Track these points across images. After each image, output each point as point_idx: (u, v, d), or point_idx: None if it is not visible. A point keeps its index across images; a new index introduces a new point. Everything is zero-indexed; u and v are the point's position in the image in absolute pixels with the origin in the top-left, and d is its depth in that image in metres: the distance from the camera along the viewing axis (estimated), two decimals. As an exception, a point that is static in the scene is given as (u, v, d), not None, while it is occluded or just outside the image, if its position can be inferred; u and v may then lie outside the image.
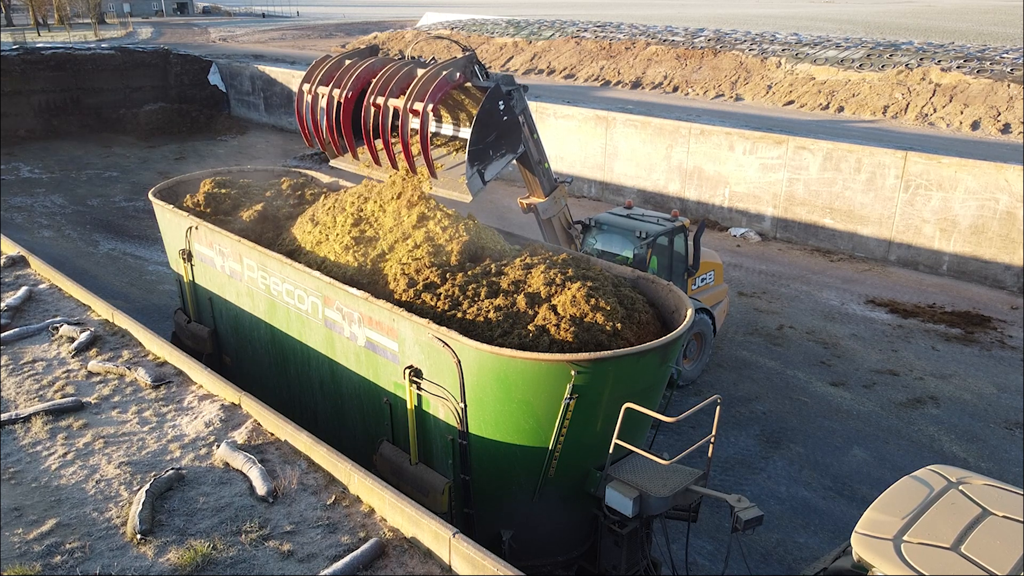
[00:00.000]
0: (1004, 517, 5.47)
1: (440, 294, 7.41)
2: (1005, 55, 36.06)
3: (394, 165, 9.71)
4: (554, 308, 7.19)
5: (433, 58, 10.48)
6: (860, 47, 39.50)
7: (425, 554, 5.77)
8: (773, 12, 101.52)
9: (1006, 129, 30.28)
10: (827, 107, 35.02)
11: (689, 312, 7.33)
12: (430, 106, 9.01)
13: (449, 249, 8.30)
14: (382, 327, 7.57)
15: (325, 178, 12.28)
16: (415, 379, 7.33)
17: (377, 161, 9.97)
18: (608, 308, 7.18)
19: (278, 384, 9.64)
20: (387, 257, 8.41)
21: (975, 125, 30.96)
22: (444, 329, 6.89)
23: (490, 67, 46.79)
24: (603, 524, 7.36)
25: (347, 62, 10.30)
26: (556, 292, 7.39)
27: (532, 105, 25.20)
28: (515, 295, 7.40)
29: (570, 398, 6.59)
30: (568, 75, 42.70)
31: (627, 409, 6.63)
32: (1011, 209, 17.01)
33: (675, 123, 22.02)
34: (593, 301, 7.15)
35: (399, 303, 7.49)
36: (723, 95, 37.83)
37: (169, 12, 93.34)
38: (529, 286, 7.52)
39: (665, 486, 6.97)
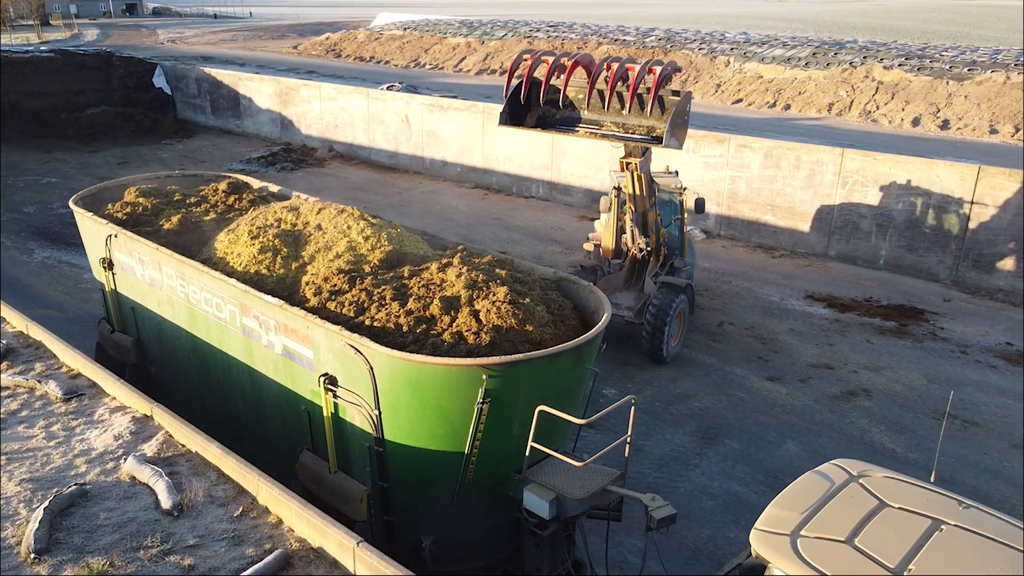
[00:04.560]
0: (900, 509, 5.57)
1: (344, 301, 7.33)
2: (944, 53, 37.00)
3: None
4: (476, 314, 7.16)
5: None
6: (806, 46, 40.20)
7: (331, 564, 5.70)
8: (726, 11, 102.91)
9: (945, 125, 31.08)
10: (774, 105, 35.59)
11: (606, 315, 7.35)
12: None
13: (370, 258, 8.23)
14: (297, 334, 7.47)
15: (257, 183, 12.10)
16: (330, 387, 7.24)
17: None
18: (535, 315, 7.17)
19: (202, 394, 9.47)
20: (308, 268, 8.32)
21: (916, 122, 31.71)
22: (356, 336, 6.82)
23: (442, 68, 46.66)
24: (524, 527, 7.35)
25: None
26: (479, 296, 7.35)
27: (479, 105, 25.22)
28: (429, 300, 7.34)
29: (483, 402, 6.56)
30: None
31: (542, 412, 6.62)
32: (942, 204, 17.43)
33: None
34: (520, 313, 7.09)
35: (312, 310, 7.39)
36: (673, 94, 38.19)
37: (118, 13, 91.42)
38: (445, 290, 7.47)
39: (582, 487, 6.98)
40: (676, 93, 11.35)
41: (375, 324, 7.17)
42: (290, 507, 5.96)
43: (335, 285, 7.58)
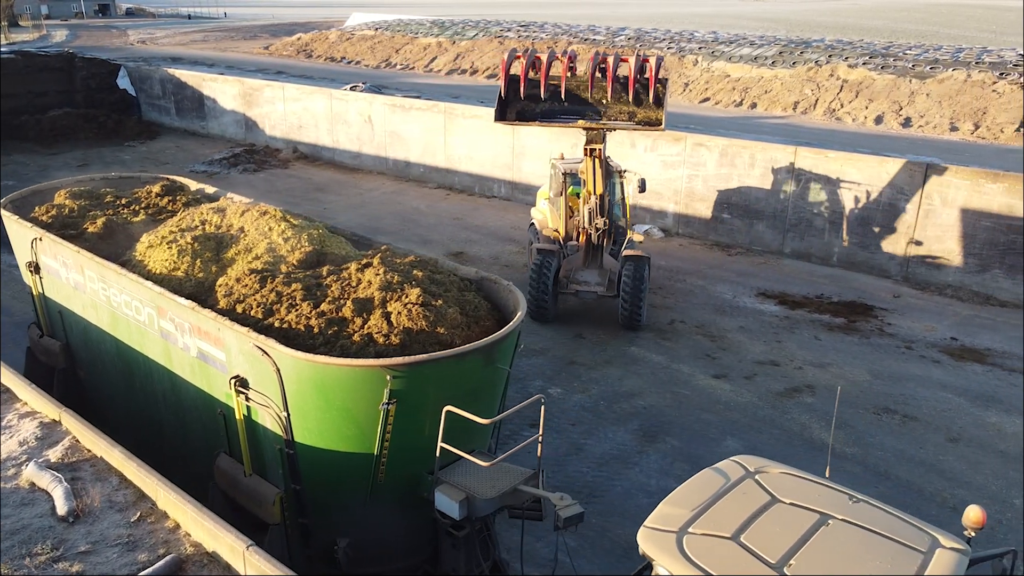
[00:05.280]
0: (791, 504, 5.59)
1: (254, 303, 7.28)
2: (908, 51, 37.37)
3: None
4: (388, 316, 7.13)
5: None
6: (773, 45, 40.47)
7: (225, 567, 5.64)
8: (702, 11, 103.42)
9: (907, 123, 31.40)
10: (741, 104, 35.81)
11: (519, 314, 7.34)
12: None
13: (290, 259, 8.19)
14: (210, 337, 7.40)
15: (195, 185, 11.99)
16: (241, 389, 7.19)
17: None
18: (446, 317, 7.15)
19: (127, 398, 9.38)
20: (228, 270, 8.25)
21: (878, 119, 32.01)
22: (263, 337, 6.77)
23: (413, 68, 46.56)
24: (441, 528, 7.33)
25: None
26: (392, 298, 7.32)
27: (440, 105, 25.18)
28: (343, 301, 7.30)
29: (388, 404, 6.53)
30: (491, 75, 42.71)
31: (450, 412, 6.59)
32: (893, 201, 17.59)
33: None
34: (431, 315, 7.07)
35: (222, 312, 7.33)
36: (642, 93, 38.32)
37: (90, 14, 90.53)
38: (360, 292, 7.44)
39: (493, 487, 6.96)
40: (659, 81, 13.07)
41: (286, 325, 7.12)
42: (186, 511, 5.90)
43: (247, 286, 7.52)
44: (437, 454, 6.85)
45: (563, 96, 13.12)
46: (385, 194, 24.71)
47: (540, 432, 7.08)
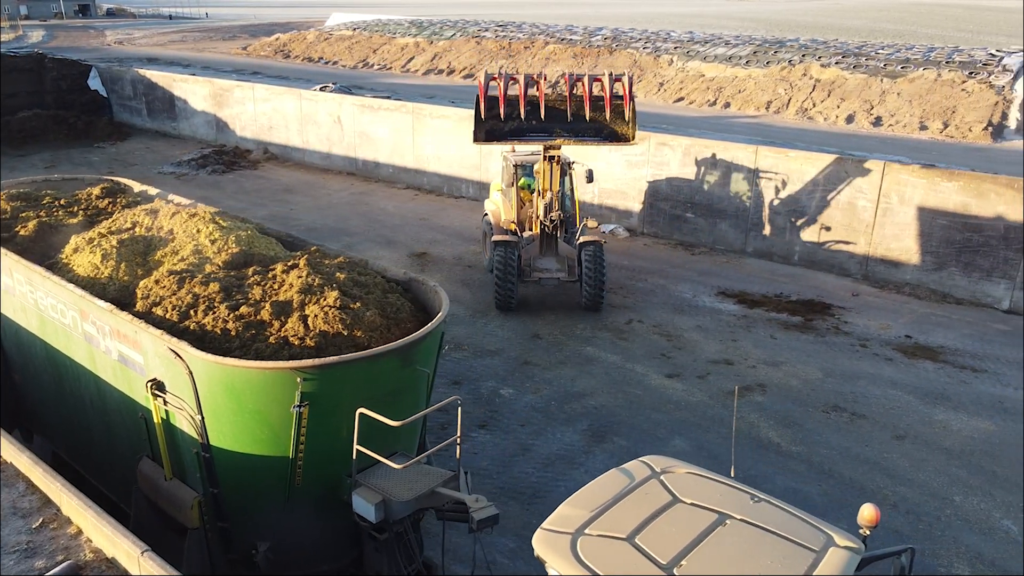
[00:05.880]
0: (691, 504, 5.59)
1: (169, 306, 7.22)
2: (881, 51, 37.58)
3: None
4: (305, 319, 7.08)
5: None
6: (748, 45, 40.61)
7: (123, 573, 5.58)
8: (684, 11, 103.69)
9: (877, 122, 31.59)
10: (714, 103, 35.93)
11: (439, 315, 7.31)
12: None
13: (216, 260, 8.13)
14: (128, 340, 7.33)
15: (138, 186, 11.90)
16: (158, 392, 7.12)
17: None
18: (364, 319, 7.10)
19: (57, 402, 9.28)
20: (153, 272, 8.18)
21: (850, 119, 32.20)
22: (175, 340, 6.71)
23: (390, 68, 46.45)
24: (363, 531, 7.29)
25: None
26: (311, 301, 7.27)
27: (408, 106, 25.11)
28: (263, 304, 7.25)
29: (300, 406, 6.48)
30: (468, 75, 42.71)
31: (364, 415, 6.55)
32: (852, 200, 17.67)
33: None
34: (347, 318, 7.03)
35: (139, 314, 7.27)
36: (617, 93, 38.38)
37: (70, 14, 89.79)
38: (280, 295, 7.39)
39: (411, 490, 6.93)
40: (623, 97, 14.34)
41: (203, 328, 7.06)
42: (87, 516, 5.83)
43: (165, 287, 7.46)
44: (354, 457, 6.82)
45: (543, 116, 14.40)
46: (353, 195, 24.62)
47: (459, 434, 7.05)
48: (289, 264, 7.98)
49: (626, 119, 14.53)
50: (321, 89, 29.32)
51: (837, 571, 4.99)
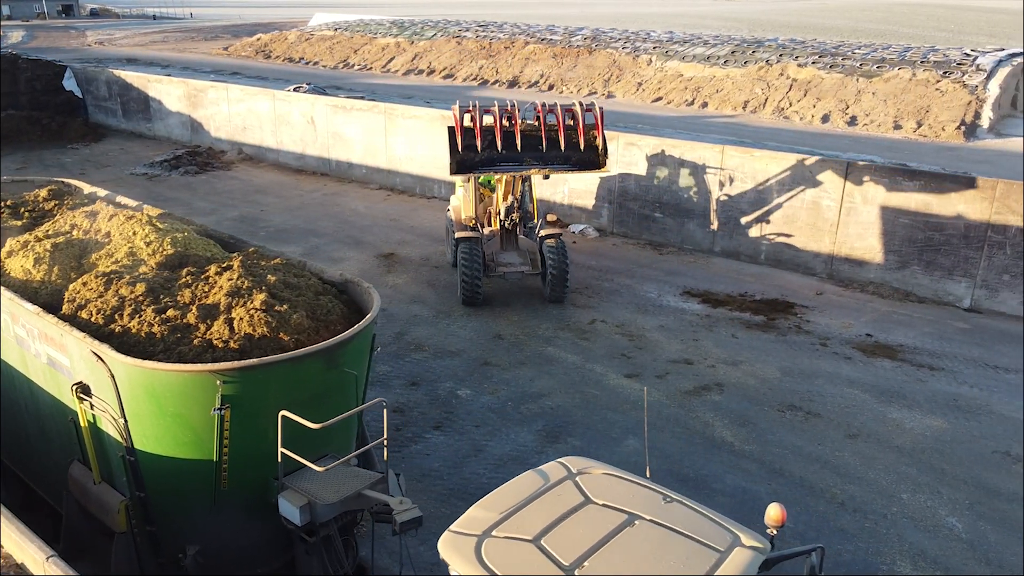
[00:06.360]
0: (603, 505, 5.58)
1: (94, 309, 7.17)
2: (857, 50, 37.73)
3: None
4: (231, 322, 7.05)
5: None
6: (727, 44, 40.69)
7: (31, 580, 5.54)
8: (668, 11, 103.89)
9: (852, 121, 31.69)
10: (692, 103, 35.96)
11: (368, 317, 7.29)
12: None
13: (150, 262, 8.08)
14: (55, 343, 7.28)
15: (88, 188, 11.82)
16: (84, 395, 7.08)
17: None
18: (290, 322, 7.07)
19: (-4, 407, 9.20)
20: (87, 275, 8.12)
21: (825, 118, 32.28)
22: (97, 342, 6.67)
23: (371, 68, 46.34)
24: (294, 534, 7.25)
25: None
26: (238, 303, 7.23)
27: (381, 106, 25.07)
28: (190, 307, 7.21)
29: (220, 409, 6.45)
30: (448, 75, 42.65)
31: (287, 417, 6.52)
32: (816, 199, 17.73)
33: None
34: (273, 321, 6.99)
35: (66, 317, 7.22)
36: (596, 92, 38.41)
37: (52, 15, 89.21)
38: (209, 298, 7.35)
39: (336, 492, 6.90)
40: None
41: (127, 331, 7.02)
42: (-2, 522, 5.79)
43: (92, 290, 7.41)
44: (279, 459, 6.79)
45: (519, 145, 14.82)
46: (325, 195, 24.55)
47: (384, 436, 7.03)
48: (224, 266, 7.93)
49: (597, 147, 14.98)
50: (295, 90, 29.23)
51: (739, 571, 4.99)
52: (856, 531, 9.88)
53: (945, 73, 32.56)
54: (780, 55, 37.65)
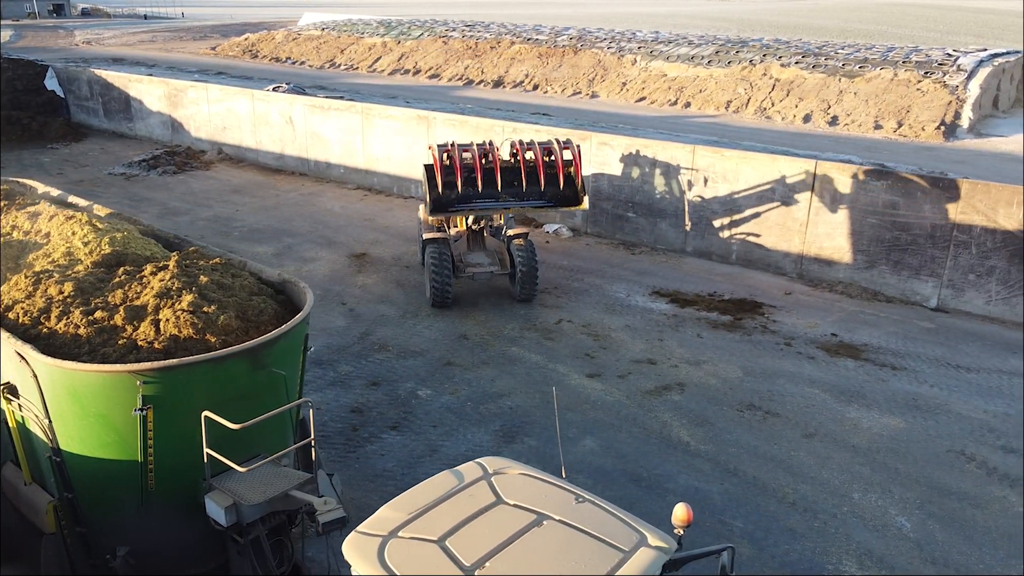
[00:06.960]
0: (513, 506, 5.57)
1: (21, 311, 7.14)
2: (840, 51, 37.77)
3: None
4: (157, 323, 7.02)
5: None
6: (711, 44, 40.72)
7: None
8: (657, 11, 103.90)
9: (834, 121, 31.73)
10: (676, 103, 35.97)
11: (296, 317, 7.27)
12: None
13: (86, 262, 8.05)
14: (-17, 344, 7.25)
15: (42, 188, 11.77)
16: (11, 396, 7.06)
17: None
18: (217, 323, 7.05)
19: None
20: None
21: (807, 118, 32.31)
22: (20, 343, 6.65)
23: (357, 68, 46.29)
24: (227, 534, 7.23)
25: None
26: (166, 304, 7.21)
27: (358, 106, 25.04)
28: (119, 308, 7.18)
29: (142, 410, 6.43)
30: (433, 75, 42.60)
31: (210, 418, 6.51)
32: (786, 198, 17.74)
33: (491, 122, 22.17)
34: (199, 322, 6.97)
35: (-9, 318, 7.20)
36: (580, 92, 38.42)
37: (43, 14, 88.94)
38: (139, 299, 7.32)
39: (263, 492, 6.88)
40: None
41: (54, 332, 6.99)
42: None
43: (20, 289, 7.39)
44: (205, 460, 6.77)
45: (498, 183, 15.37)
46: (302, 195, 24.51)
47: (312, 436, 7.01)
48: (159, 266, 7.91)
49: (575, 183, 15.54)
50: (274, 89, 29.17)
51: (640, 571, 4.99)
52: (804, 530, 9.88)
53: (926, 73, 32.62)
54: (764, 55, 37.68)
